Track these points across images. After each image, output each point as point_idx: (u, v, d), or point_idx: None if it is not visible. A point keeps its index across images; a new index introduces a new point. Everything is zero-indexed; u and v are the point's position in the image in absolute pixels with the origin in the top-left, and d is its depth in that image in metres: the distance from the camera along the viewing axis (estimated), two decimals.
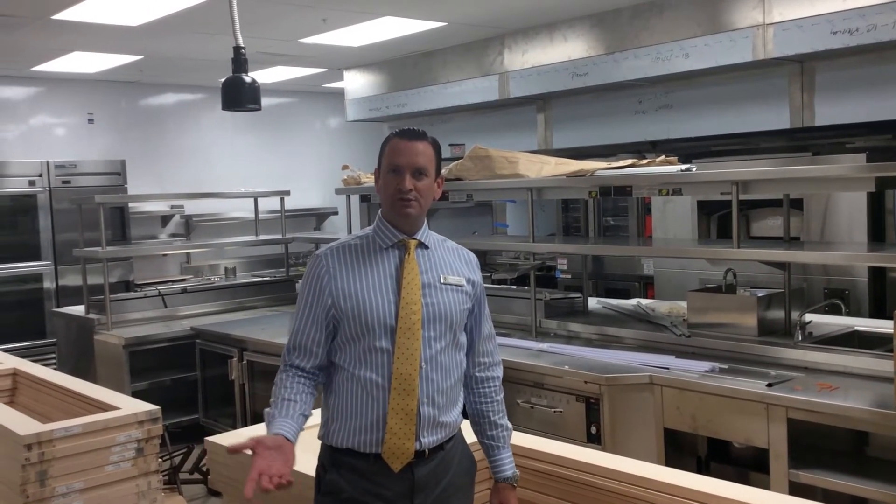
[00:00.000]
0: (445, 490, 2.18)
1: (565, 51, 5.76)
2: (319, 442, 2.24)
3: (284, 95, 9.05)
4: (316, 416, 2.24)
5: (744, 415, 3.20)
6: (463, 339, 2.28)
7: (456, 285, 2.24)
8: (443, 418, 2.17)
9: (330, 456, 2.18)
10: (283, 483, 1.93)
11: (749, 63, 4.81)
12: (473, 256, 2.36)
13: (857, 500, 3.07)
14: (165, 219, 8.37)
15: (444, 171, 4.73)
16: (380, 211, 2.26)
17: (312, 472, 2.24)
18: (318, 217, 9.42)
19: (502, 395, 2.39)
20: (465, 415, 2.33)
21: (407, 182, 2.15)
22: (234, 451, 2.01)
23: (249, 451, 1.98)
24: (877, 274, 4.84)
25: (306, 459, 2.28)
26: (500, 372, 2.41)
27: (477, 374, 2.35)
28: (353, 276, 2.17)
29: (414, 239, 2.22)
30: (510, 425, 2.39)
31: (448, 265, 2.26)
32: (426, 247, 2.24)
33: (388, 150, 2.20)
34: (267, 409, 2.16)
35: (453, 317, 2.21)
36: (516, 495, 2.34)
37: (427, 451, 2.14)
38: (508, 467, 2.33)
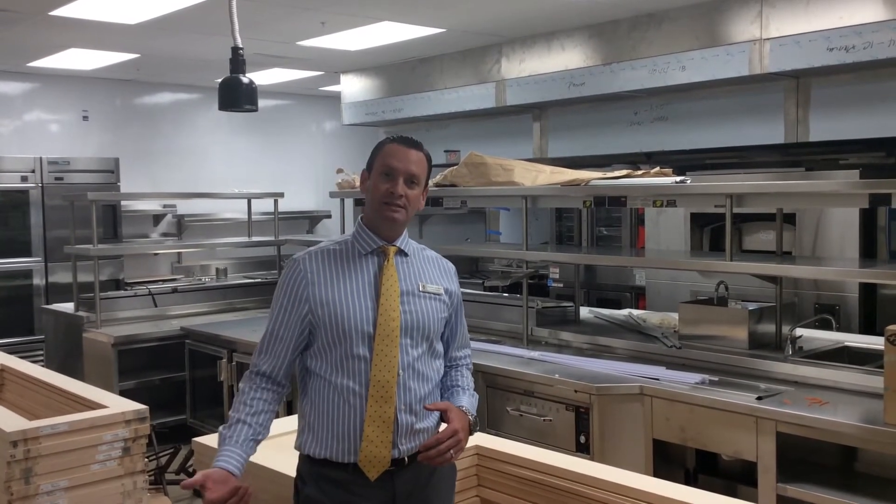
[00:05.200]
0: (426, 498, 2.17)
1: (562, 60, 5.78)
2: (295, 440, 2.21)
3: (280, 97, 9.04)
4: (290, 424, 2.22)
5: (733, 427, 3.20)
6: (439, 347, 2.27)
7: (434, 294, 2.23)
8: (419, 425, 2.15)
9: (307, 468, 2.15)
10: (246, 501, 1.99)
11: (745, 77, 4.83)
12: (452, 266, 2.36)
13: None
14: (157, 218, 8.34)
15: (438, 178, 4.78)
16: (360, 217, 2.25)
17: (292, 472, 2.23)
18: (312, 220, 9.41)
19: (470, 378, 2.37)
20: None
21: (399, 187, 2.15)
22: (188, 487, 2.02)
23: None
24: (867, 290, 4.85)
25: (284, 459, 2.28)
26: (470, 367, 2.41)
27: (449, 367, 2.34)
28: (331, 282, 2.15)
29: (393, 246, 2.21)
30: (476, 395, 2.32)
31: (427, 274, 2.25)
32: (405, 254, 2.23)
33: (383, 153, 2.19)
34: (223, 427, 2.14)
35: (430, 325, 2.20)
36: (464, 426, 2.15)
37: (406, 458, 2.12)
38: (466, 402, 2.24)
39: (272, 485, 2.38)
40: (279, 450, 2.14)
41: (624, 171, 4.17)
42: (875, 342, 3.65)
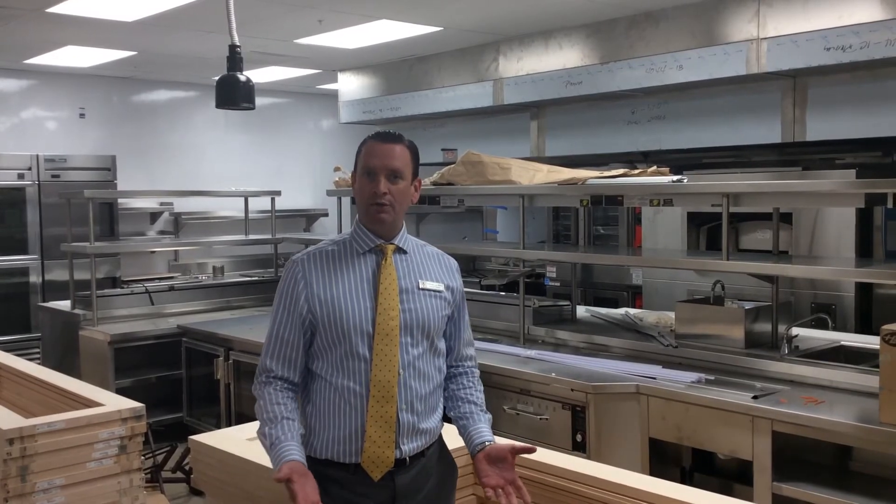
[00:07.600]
0: (427, 497, 2.17)
1: (560, 59, 5.78)
2: None
3: (278, 95, 9.03)
4: None
5: (729, 426, 3.20)
6: (441, 345, 2.25)
7: (434, 291, 2.20)
8: (422, 425, 2.15)
9: (309, 467, 2.12)
10: None
11: (742, 76, 4.84)
12: (454, 262, 2.33)
13: None
14: (154, 216, 8.33)
15: (435, 176, 4.78)
16: (357, 215, 2.23)
17: None
18: (309, 218, 9.40)
19: (482, 389, 2.37)
20: (447, 420, 2.30)
21: (381, 186, 2.11)
22: (281, 480, 1.99)
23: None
24: (863, 289, 4.86)
25: None
26: (478, 371, 2.40)
27: (457, 371, 2.33)
28: (329, 281, 2.13)
29: (391, 244, 2.18)
30: (489, 414, 2.33)
31: (427, 270, 2.22)
32: (404, 252, 2.21)
33: (363, 153, 2.16)
34: (264, 429, 2.09)
35: (431, 323, 2.18)
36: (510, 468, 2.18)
37: (408, 458, 2.12)
38: (488, 432, 2.24)
39: (272, 484, 2.37)
40: None
41: (621, 170, 4.17)
42: (871, 341, 3.66)
